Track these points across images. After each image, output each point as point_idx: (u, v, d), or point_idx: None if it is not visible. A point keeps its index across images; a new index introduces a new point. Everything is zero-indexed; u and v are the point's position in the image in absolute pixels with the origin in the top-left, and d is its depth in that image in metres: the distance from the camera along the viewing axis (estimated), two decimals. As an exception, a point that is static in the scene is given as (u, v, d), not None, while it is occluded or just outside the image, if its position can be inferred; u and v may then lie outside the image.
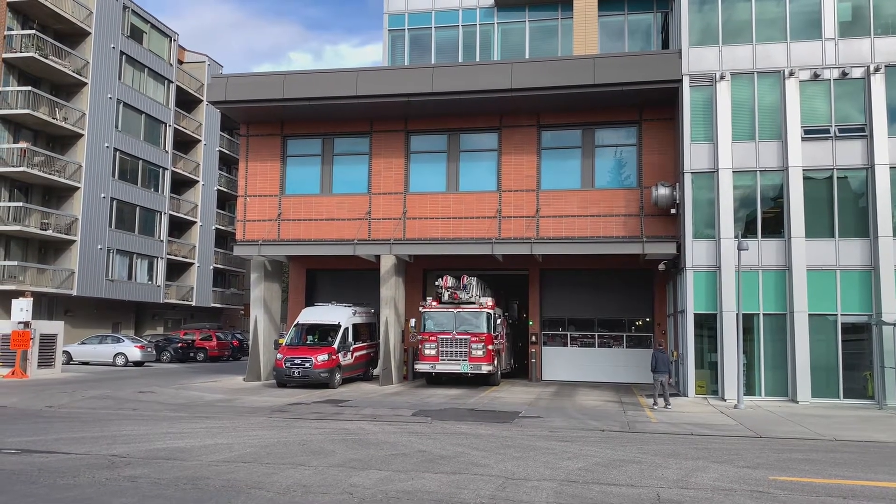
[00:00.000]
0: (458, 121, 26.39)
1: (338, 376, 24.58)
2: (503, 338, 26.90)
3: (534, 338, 28.91)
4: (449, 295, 24.95)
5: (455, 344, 24.57)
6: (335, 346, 24.65)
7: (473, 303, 25.02)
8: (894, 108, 21.79)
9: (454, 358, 24.52)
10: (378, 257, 26.30)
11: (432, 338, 24.81)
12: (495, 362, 24.97)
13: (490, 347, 24.54)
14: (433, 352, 24.69)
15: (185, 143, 52.11)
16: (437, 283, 25.37)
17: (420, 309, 25.71)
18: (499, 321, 25.86)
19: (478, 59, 30.70)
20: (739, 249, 20.33)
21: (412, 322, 26.23)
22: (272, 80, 26.32)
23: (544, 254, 25.56)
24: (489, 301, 25.34)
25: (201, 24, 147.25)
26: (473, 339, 24.49)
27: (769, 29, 22.84)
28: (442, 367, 24.64)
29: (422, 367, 25.00)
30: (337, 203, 26.89)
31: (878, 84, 21.79)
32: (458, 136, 26.64)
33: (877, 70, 21.80)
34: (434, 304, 25.36)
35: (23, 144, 37.40)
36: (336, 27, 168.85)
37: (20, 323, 27.31)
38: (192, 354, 40.71)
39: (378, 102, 25.50)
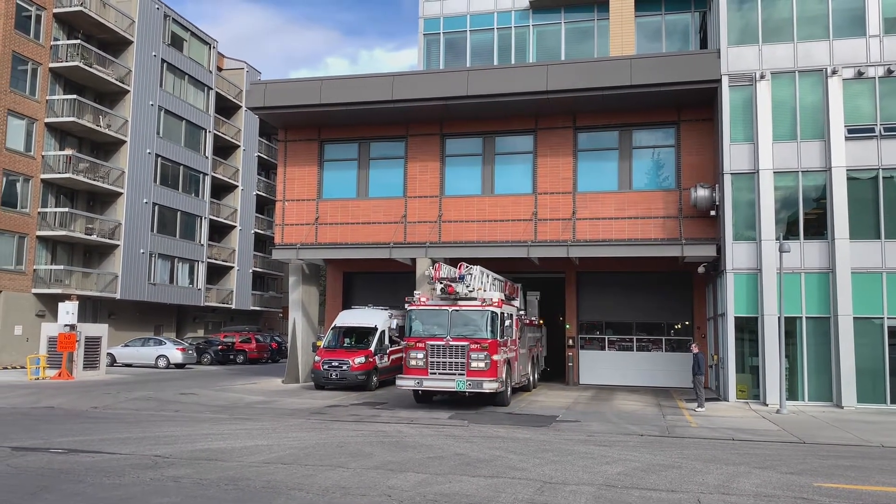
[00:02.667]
0: (494, 123, 26.37)
1: (375, 379, 24.72)
2: (515, 343, 21.80)
3: (570, 341, 28.71)
4: (442, 288, 19.80)
5: (449, 353, 19.27)
6: (372, 348, 24.80)
7: (475, 298, 19.88)
8: (942, 105, 21.25)
9: (447, 371, 19.20)
10: (414, 260, 26.38)
11: (419, 344, 19.53)
12: (503, 376, 19.62)
13: (495, 357, 19.16)
14: (420, 362, 19.41)
15: (224, 149, 52.89)
16: (426, 272, 20.18)
17: (406, 306, 20.82)
18: (508, 322, 20.45)
19: (513, 62, 30.65)
20: (781, 251, 19.98)
21: (393, 323, 22.36)
22: (309, 86, 26.60)
23: (581, 256, 25.39)
24: (496, 296, 20.30)
25: (240, 30, 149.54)
26: (473, 346, 19.10)
27: (811, 27, 22.42)
28: (431, 384, 19.37)
29: (405, 382, 19.59)
30: (373, 207, 27.05)
31: (925, 81, 21.23)
32: (493, 139, 26.62)
33: (924, 67, 21.25)
34: (423, 299, 20.36)
35: (68, 151, 38.34)
36: (371, 32, 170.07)
37: (66, 325, 28.00)
38: (231, 356, 41.32)
39: (414, 106, 25.61)
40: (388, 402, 21.00)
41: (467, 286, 19.79)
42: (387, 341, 25.70)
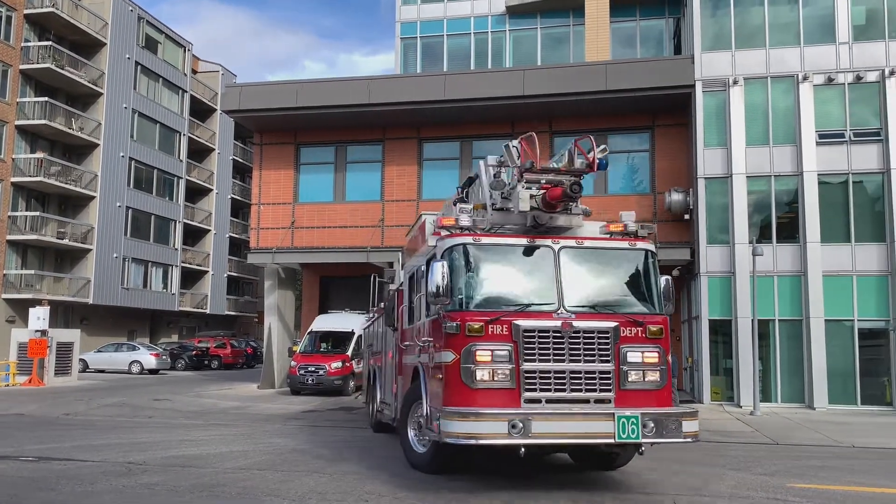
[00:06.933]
0: (471, 128, 26.39)
1: (352, 384, 24.61)
2: None
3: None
4: (556, 189, 9.69)
5: (576, 348, 8.79)
6: (349, 353, 24.70)
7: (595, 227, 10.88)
8: (910, 111, 21.65)
9: (580, 392, 8.75)
10: (391, 264, 26.30)
11: (496, 328, 8.58)
12: None
13: (670, 358, 9.47)
14: (503, 376, 8.49)
15: (199, 152, 52.48)
16: (501, 157, 10.47)
17: (432, 242, 9.91)
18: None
19: (490, 67, 30.74)
20: (754, 255, 20.22)
21: (397, 277, 11.74)
22: (285, 89, 26.47)
23: (557, 260, 25.43)
24: (632, 220, 10.93)
25: (216, 33, 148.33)
26: (627, 330, 9.11)
27: (782, 33, 22.75)
28: (551, 429, 8.22)
29: (472, 427, 8.20)
30: (350, 210, 26.96)
31: (893, 88, 21.63)
32: (470, 143, 26.65)
33: (892, 74, 21.66)
34: (486, 222, 9.88)
35: (39, 154, 37.78)
36: (349, 36, 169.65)
37: (37, 331, 27.53)
38: (206, 362, 40.93)
39: (391, 110, 25.57)
40: (364, 406, 20.89)
41: (576, 201, 10.19)
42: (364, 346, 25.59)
